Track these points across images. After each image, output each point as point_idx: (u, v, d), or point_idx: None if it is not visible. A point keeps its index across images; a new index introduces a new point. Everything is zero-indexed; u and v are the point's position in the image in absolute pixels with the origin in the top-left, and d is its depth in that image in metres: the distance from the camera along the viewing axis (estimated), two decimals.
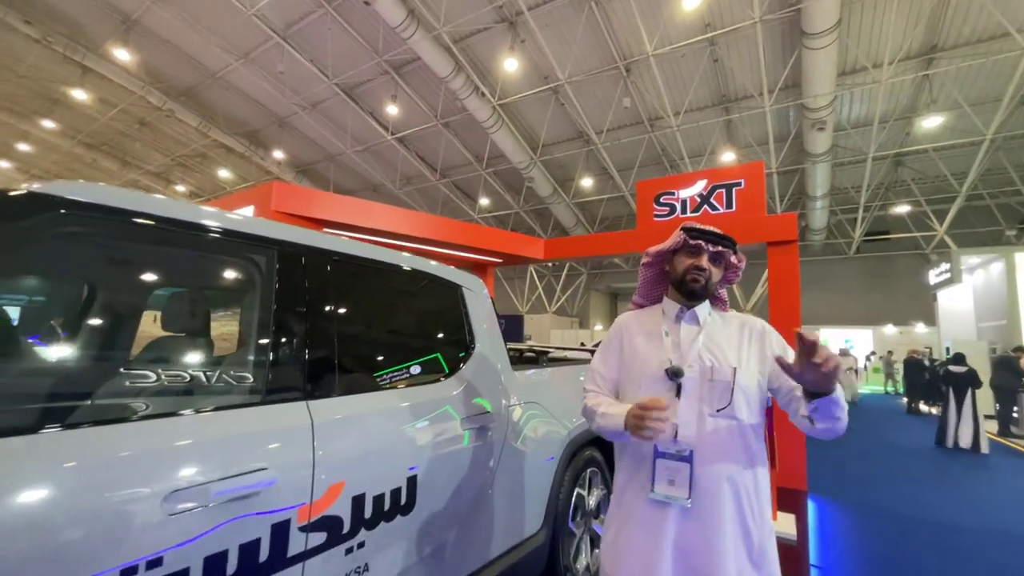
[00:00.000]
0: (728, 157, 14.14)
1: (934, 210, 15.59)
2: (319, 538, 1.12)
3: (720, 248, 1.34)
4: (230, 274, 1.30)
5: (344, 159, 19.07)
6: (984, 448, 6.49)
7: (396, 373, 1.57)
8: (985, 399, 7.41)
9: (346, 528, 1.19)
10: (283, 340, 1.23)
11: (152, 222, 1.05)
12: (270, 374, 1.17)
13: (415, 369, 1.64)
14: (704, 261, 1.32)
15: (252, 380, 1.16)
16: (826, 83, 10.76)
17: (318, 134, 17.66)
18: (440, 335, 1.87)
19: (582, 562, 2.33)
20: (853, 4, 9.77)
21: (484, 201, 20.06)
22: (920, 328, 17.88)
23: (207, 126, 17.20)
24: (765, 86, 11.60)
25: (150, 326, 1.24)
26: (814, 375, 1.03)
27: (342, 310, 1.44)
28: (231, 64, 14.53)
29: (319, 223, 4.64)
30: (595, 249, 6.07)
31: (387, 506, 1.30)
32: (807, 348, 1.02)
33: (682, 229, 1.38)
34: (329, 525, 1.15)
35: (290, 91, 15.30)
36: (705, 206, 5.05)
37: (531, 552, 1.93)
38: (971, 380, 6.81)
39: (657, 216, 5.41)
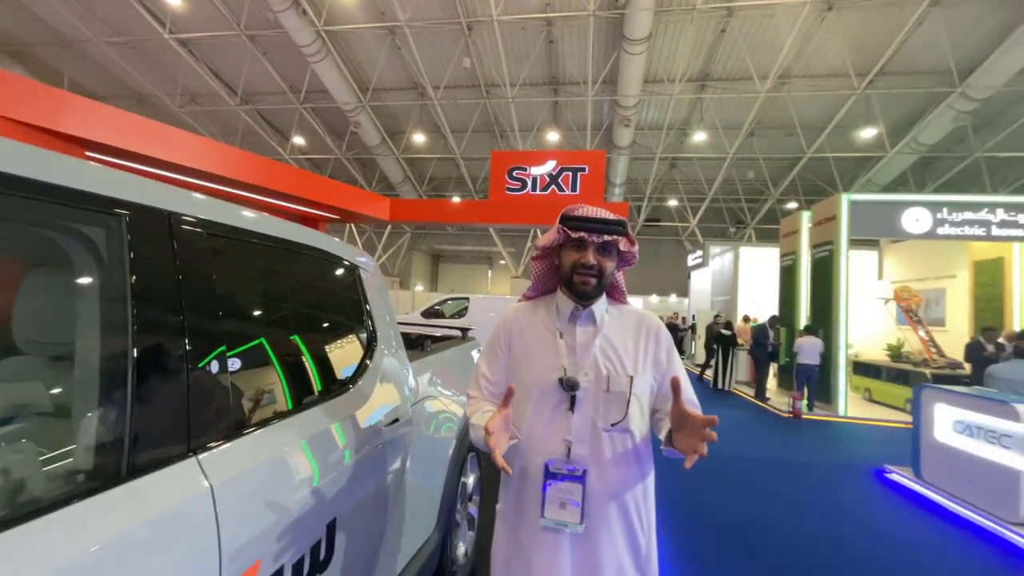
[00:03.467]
0: (553, 137, 15.22)
1: (690, 206, 19.85)
2: None
3: (607, 238, 1.15)
4: (48, 263, 0.75)
5: (90, 50, 13.98)
6: (729, 387, 9.58)
7: (299, 391, 1.18)
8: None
9: None
10: (151, 365, 0.77)
11: None
12: (132, 424, 0.72)
13: (319, 382, 1.27)
14: (590, 256, 1.15)
15: (103, 441, 0.69)
16: (635, 86, 12.40)
17: (44, 5, 12.46)
18: (342, 333, 1.49)
19: (461, 549, 2.30)
20: (661, 24, 11.32)
21: (299, 140, 17.40)
22: (674, 299, 23.08)
23: None
24: (590, 76, 12.72)
25: None
26: (687, 442, 0.97)
27: (225, 308, 0.99)
28: None
29: (74, 142, 3.33)
30: (446, 216, 5.87)
31: (307, 570, 0.99)
32: (693, 423, 0.96)
33: (560, 220, 1.19)
34: None
35: None
36: (553, 186, 5.32)
37: (428, 556, 1.79)
38: (732, 341, 9.56)
39: (509, 190, 5.49)
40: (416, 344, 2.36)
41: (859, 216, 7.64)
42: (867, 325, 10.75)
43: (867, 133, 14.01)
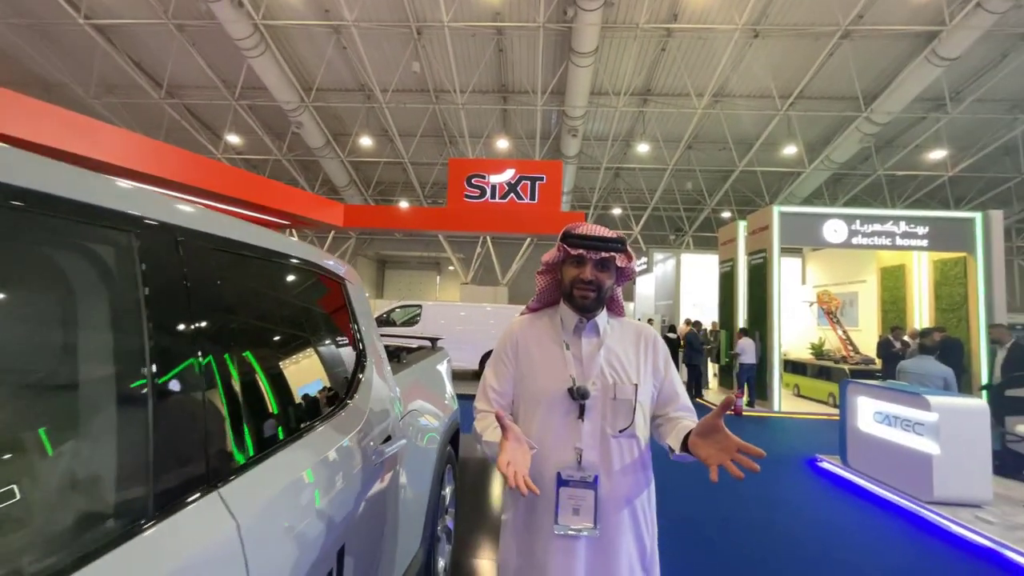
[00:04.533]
0: (502, 144, 15.35)
1: (633, 215, 20.72)
2: None
3: (604, 255, 1.20)
4: (62, 281, 0.66)
5: None
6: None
7: (303, 411, 1.12)
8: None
9: None
10: (170, 389, 0.71)
11: None
12: (156, 457, 0.66)
13: (320, 401, 1.21)
14: (589, 272, 1.19)
15: (128, 477, 0.63)
16: (582, 97, 12.81)
17: None
18: (335, 348, 1.42)
19: (440, 564, 2.26)
20: (606, 40, 11.80)
21: (233, 139, 16.36)
22: None
23: None
24: (539, 86, 12.98)
25: None
26: (710, 452, 1.01)
27: (231, 327, 0.92)
28: None
29: None
30: (403, 223, 5.76)
31: None
32: (728, 441, 0.99)
33: (561, 238, 1.25)
34: None
35: None
36: (512, 195, 5.38)
37: (416, 573, 1.74)
38: (678, 344, 9.83)
39: (468, 197, 5.48)
40: (392, 356, 2.30)
41: (787, 226, 8.35)
42: (794, 326, 11.74)
43: (789, 150, 15.34)
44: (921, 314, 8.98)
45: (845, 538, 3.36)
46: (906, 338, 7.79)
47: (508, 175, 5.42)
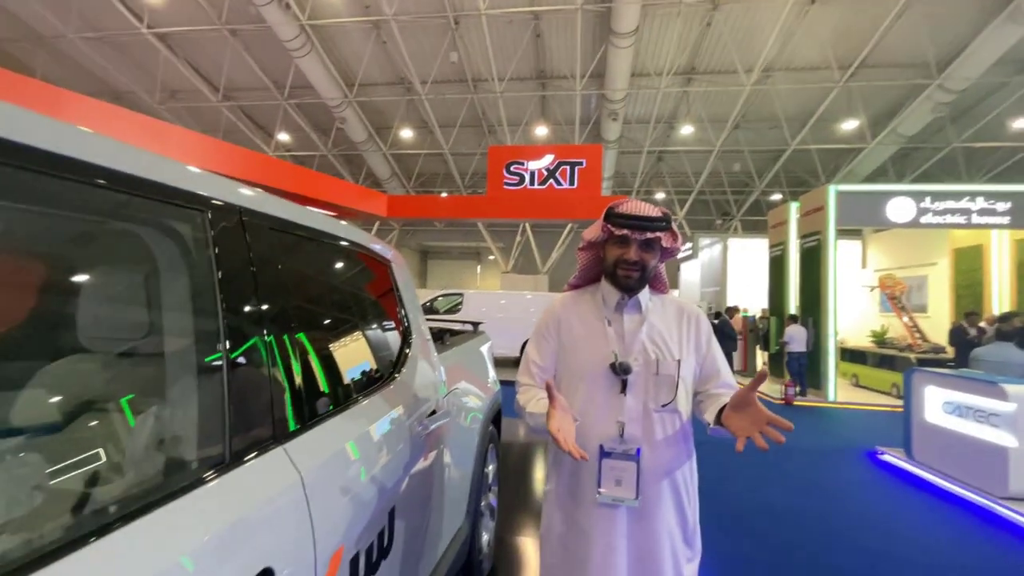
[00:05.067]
0: (541, 131, 15.21)
1: (678, 199, 20.06)
2: None
3: (649, 235, 1.19)
4: (140, 256, 0.75)
5: (64, 46, 13.54)
6: None
7: (357, 381, 1.20)
8: None
9: None
10: (242, 360, 0.79)
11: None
12: (231, 416, 0.74)
13: (372, 372, 1.29)
14: (633, 252, 1.19)
15: (209, 431, 0.71)
16: (622, 80, 12.46)
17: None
18: (384, 326, 1.51)
19: (484, 539, 2.34)
20: (647, 18, 11.38)
21: (283, 137, 17.10)
22: None
23: None
24: (578, 70, 12.74)
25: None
26: (741, 425, 1.02)
27: (293, 305, 1.00)
28: None
29: None
30: (444, 211, 5.86)
31: (375, 555, 1.02)
32: (759, 413, 1.00)
33: (605, 217, 1.24)
34: None
35: None
36: (551, 180, 5.35)
37: (460, 546, 1.82)
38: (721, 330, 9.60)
39: (507, 184, 5.50)
40: (436, 338, 2.38)
41: (845, 206, 7.84)
42: (852, 313, 11.04)
43: (848, 125, 14.29)
44: (1000, 298, 8.23)
45: (909, 533, 3.17)
46: (982, 324, 7.17)
47: (547, 161, 5.39)
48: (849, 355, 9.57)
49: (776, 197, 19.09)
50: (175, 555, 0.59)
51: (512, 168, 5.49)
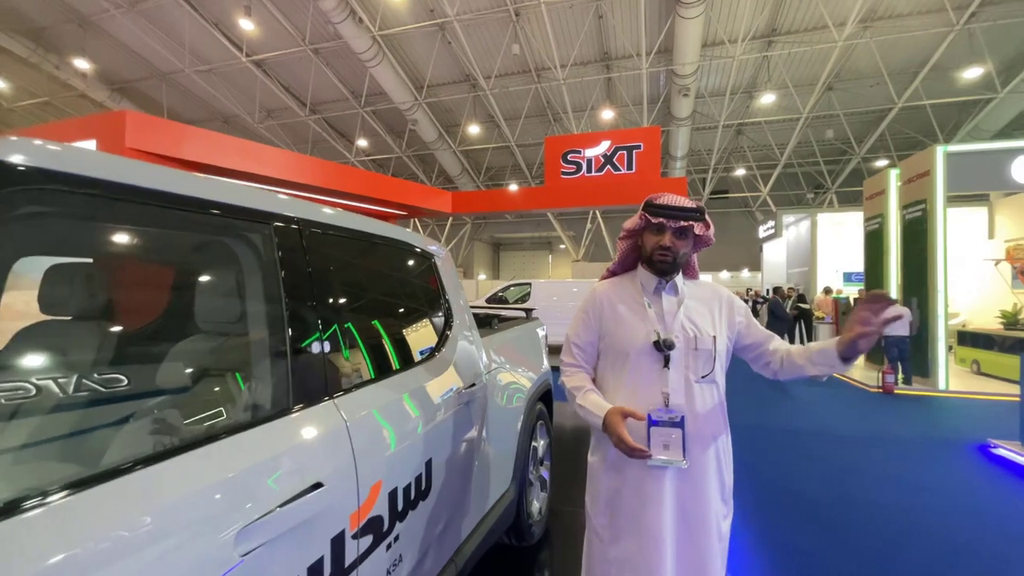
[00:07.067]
0: (607, 115, 14.90)
1: (761, 174, 18.62)
2: (367, 542, 1.05)
3: (683, 224, 1.33)
4: (228, 261, 1.04)
5: (182, 80, 15.69)
6: None
7: (399, 355, 1.46)
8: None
9: (386, 526, 1.12)
10: (300, 336, 1.05)
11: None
12: (293, 376, 1.01)
13: (413, 349, 1.54)
14: (667, 239, 1.33)
15: (278, 386, 0.99)
16: (693, 52, 11.80)
17: (141, 43, 14.12)
18: (426, 310, 1.76)
19: (535, 506, 2.53)
20: None
21: (362, 143, 18.42)
22: (746, 274, 21.84)
23: None
24: (644, 48, 12.29)
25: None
26: (865, 339, 1.17)
27: (344, 293, 1.27)
28: None
29: (186, 166, 3.86)
30: (504, 204, 6.08)
31: (412, 495, 1.25)
32: (877, 310, 1.16)
33: (643, 207, 1.38)
34: (374, 527, 1.07)
35: None
36: (608, 166, 5.34)
37: (506, 507, 2.03)
38: (808, 315, 9.59)
39: (565, 174, 5.58)
40: (485, 323, 2.60)
41: (958, 169, 6.87)
42: (976, 290, 9.65)
43: (971, 73, 12.30)
44: None
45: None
46: None
47: (603, 147, 5.39)
48: (971, 339, 8.41)
49: (882, 163, 17.01)
50: (262, 457, 0.89)
51: (569, 157, 5.55)
